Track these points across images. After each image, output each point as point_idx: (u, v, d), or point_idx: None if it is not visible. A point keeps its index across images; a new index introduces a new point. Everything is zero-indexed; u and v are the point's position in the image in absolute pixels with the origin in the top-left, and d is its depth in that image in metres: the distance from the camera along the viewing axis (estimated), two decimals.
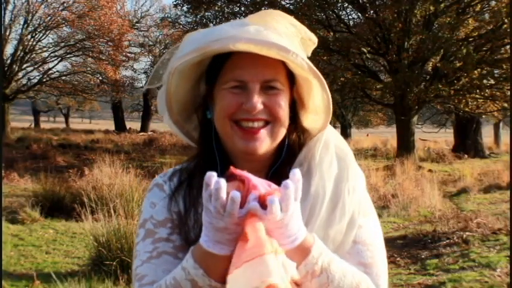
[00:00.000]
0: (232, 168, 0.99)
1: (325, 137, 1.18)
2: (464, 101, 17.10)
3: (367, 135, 32.56)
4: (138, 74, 50.29)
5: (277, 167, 1.16)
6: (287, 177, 0.97)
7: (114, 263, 4.89)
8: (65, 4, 24.65)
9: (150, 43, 36.58)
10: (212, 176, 0.95)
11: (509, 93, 15.59)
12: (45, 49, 26.23)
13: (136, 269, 1.14)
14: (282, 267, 0.94)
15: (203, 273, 1.01)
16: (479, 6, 16.71)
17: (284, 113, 1.13)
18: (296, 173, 0.96)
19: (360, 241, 1.13)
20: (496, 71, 16.53)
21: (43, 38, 25.36)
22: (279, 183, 0.97)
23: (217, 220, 0.96)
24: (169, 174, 1.24)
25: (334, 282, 1.03)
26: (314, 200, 1.11)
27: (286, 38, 1.10)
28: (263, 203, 0.95)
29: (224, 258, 0.98)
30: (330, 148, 1.17)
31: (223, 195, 0.94)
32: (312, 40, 1.20)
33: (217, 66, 1.14)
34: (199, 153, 1.21)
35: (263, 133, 1.11)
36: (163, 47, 36.96)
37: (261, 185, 0.97)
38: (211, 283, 1.01)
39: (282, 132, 1.14)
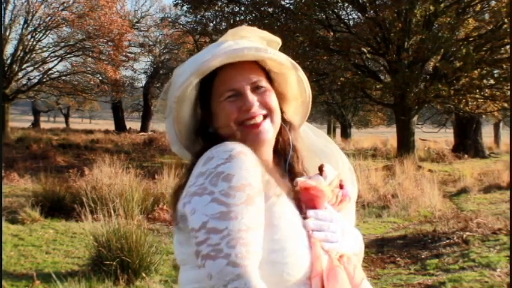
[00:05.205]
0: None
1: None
2: (464, 101, 17.07)
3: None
4: (138, 74, 50.38)
5: (289, 162, 1.39)
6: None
7: (114, 263, 4.89)
8: (65, 4, 24.63)
9: (150, 43, 36.52)
10: None
11: (509, 93, 15.58)
12: (45, 49, 26.23)
13: (239, 232, 1.11)
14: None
15: None
16: (479, 6, 16.69)
17: (276, 104, 1.35)
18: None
19: None
20: (495, 71, 16.51)
21: (43, 38, 25.37)
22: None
23: None
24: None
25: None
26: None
27: (250, 41, 1.33)
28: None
29: None
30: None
31: None
32: (277, 41, 1.41)
33: (207, 87, 1.33)
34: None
35: (265, 125, 1.31)
36: (163, 47, 36.96)
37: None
38: None
39: (279, 119, 1.36)
